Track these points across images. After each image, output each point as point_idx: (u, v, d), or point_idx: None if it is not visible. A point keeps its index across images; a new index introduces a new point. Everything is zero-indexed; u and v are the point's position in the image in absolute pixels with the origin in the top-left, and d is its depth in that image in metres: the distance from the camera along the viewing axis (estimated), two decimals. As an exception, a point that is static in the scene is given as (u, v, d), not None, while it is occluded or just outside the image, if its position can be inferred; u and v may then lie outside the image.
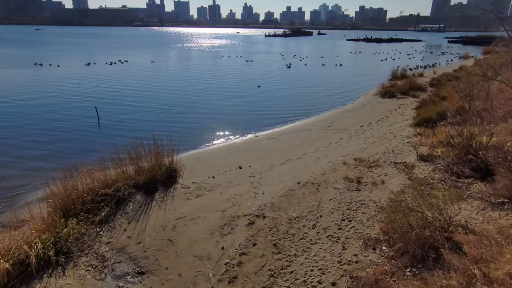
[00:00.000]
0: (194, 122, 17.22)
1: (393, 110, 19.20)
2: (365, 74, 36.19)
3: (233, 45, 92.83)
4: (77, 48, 71.46)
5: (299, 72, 37.60)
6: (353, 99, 23.60)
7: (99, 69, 36.34)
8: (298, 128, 16.35)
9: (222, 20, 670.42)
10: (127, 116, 18.01)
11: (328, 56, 59.36)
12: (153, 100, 21.82)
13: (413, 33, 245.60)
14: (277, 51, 72.55)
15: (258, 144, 13.98)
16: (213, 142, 14.54)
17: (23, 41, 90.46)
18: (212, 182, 10.01)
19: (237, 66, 42.28)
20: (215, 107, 20.48)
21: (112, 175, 9.54)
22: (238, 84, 28.68)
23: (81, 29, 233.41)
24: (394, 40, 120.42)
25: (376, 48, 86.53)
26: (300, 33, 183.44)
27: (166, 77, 31.92)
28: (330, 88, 27.72)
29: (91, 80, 29.06)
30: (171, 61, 49.30)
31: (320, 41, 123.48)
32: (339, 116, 18.56)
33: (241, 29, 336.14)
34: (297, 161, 11.64)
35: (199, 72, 35.37)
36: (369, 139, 13.76)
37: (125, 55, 54.99)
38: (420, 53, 68.41)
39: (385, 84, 27.68)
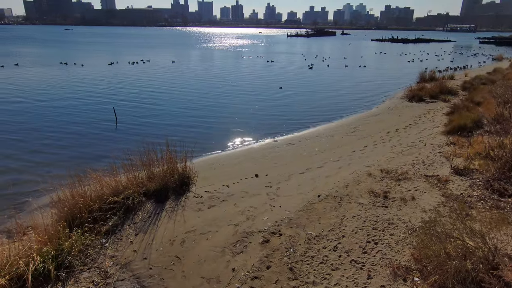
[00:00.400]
0: (211, 126, 16.75)
1: (422, 116, 18.00)
2: (391, 76, 34.71)
3: (255, 45, 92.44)
4: (102, 47, 73.19)
5: (321, 73, 36.58)
6: (378, 102, 22.47)
7: (121, 69, 36.76)
8: (319, 133, 15.54)
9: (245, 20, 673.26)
10: (144, 119, 17.75)
11: (351, 57, 57.77)
12: (171, 102, 21.54)
13: (441, 33, 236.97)
14: (298, 51, 71.48)
15: (276, 150, 13.30)
16: (230, 147, 13.99)
17: (52, 41, 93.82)
18: (226, 192, 9.43)
19: (257, 66, 41.73)
20: (234, 109, 19.96)
21: (122, 181, 9.17)
22: (258, 86, 28.08)
23: (107, 29, 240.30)
24: (421, 40, 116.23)
25: (402, 48, 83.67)
26: (323, 33, 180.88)
27: (185, 78, 31.71)
28: (353, 90, 26.62)
29: (112, 80, 29.31)
30: (192, 61, 49.33)
31: (343, 41, 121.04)
32: (363, 121, 17.57)
33: (263, 29, 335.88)
34: (317, 170, 10.88)
35: (219, 73, 35.08)
36: (397, 148, 12.78)
37: (148, 54, 55.72)
38: (449, 54, 65.45)
39: (412, 87, 26.29)
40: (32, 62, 41.13)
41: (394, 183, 9.46)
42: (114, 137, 15.02)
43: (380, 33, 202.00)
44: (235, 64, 44.23)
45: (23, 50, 60.06)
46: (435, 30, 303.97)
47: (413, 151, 12.25)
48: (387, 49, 79.79)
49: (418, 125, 16.17)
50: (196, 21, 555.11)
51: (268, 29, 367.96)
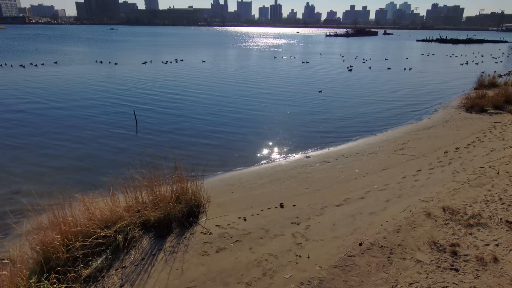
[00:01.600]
0: (236, 136, 14.97)
1: (487, 131, 15.00)
2: (442, 81, 31.01)
3: (291, 45, 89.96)
4: (140, 46, 74.52)
5: (362, 76, 33.64)
6: (429, 112, 19.52)
7: (152, 69, 36.25)
8: (360, 149, 13.22)
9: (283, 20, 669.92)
10: (165, 126, 16.28)
11: (395, 59, 53.66)
12: (194, 107, 19.83)
13: (495, 33, 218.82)
14: (337, 51, 68.11)
15: (308, 170, 11.23)
16: (254, 163, 12.12)
17: (95, 40, 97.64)
18: (241, 228, 7.57)
19: (291, 68, 39.47)
20: (262, 117, 18.06)
21: (119, 207, 7.64)
22: (290, 90, 25.97)
23: (149, 29, 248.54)
24: (474, 41, 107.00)
25: (452, 50, 77.15)
26: (364, 33, 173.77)
27: (212, 80, 29.97)
28: (399, 97, 23.68)
29: (139, 81, 28.57)
30: (222, 61, 47.80)
31: (386, 42, 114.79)
32: (413, 135, 14.94)
33: (301, 29, 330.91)
34: (358, 203, 8.69)
35: (249, 75, 33.19)
36: (460, 175, 10.20)
37: (182, 53, 55.48)
38: (508, 56, 58.91)
39: (470, 94, 22.84)
40: (70, 60, 42.03)
41: (464, 230, 7.08)
42: (128, 147, 13.70)
43: (426, 33, 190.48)
44: (267, 65, 42.23)
45: (66, 49, 62.39)
46: (488, 30, 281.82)
47: (483, 181, 9.64)
48: (435, 50, 73.85)
49: (483, 143, 13.31)
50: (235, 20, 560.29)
51: (306, 28, 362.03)
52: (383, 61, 48.52)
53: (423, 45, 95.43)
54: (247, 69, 37.65)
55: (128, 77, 29.80)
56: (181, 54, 55.59)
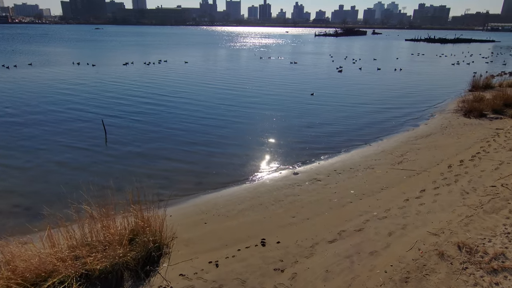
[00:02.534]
0: (215, 149, 13.37)
1: (490, 139, 13.77)
2: (435, 83, 29.98)
3: (280, 45, 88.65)
4: (124, 46, 72.09)
5: (352, 77, 32.39)
6: (425, 117, 18.27)
7: (132, 71, 34.27)
8: (354, 163, 11.79)
9: (272, 20, 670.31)
10: (135, 140, 14.64)
11: (384, 59, 52.76)
12: (170, 116, 17.71)
13: (481, 33, 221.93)
14: (326, 51, 67.03)
15: (296, 191, 9.72)
16: (234, 182, 10.55)
17: (78, 40, 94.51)
18: (211, 279, 6.01)
19: (278, 69, 37.87)
20: (246, 126, 16.48)
21: (57, 252, 6.02)
22: (277, 94, 24.47)
23: (136, 28, 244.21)
24: (461, 40, 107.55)
25: (440, 49, 76.94)
26: (353, 33, 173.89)
27: (194, 83, 27.73)
28: (393, 100, 22.43)
29: (114, 85, 26.52)
30: (207, 62, 45.44)
31: (375, 41, 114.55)
32: (411, 145, 13.60)
33: (290, 28, 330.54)
34: (355, 237, 7.22)
35: (234, 77, 31.29)
36: (470, 196, 8.85)
37: (167, 54, 53.48)
38: (497, 55, 58.67)
39: (466, 97, 21.78)
40: (46, 62, 39.70)
41: (488, 278, 5.69)
42: (88, 165, 11.97)
43: (414, 32, 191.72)
44: (253, 66, 40.51)
45: (45, 49, 59.69)
46: (474, 30, 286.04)
47: (498, 205, 8.30)
48: (424, 50, 73.45)
49: (489, 155, 12.03)
50: (224, 20, 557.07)
51: (296, 28, 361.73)
52: (372, 61, 47.49)
53: (412, 45, 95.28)
54: (232, 71, 35.88)
55: (103, 81, 27.75)
56: (165, 54, 53.60)
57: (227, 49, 69.99)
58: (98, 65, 37.10)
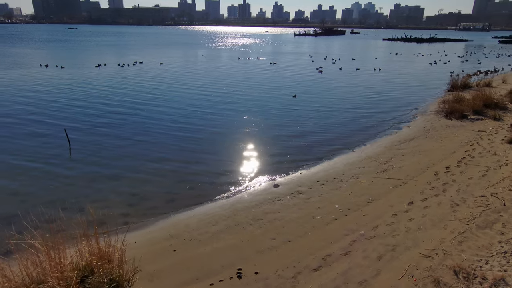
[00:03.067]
0: (188, 160, 12.39)
1: (474, 143, 13.45)
2: (414, 83, 30.00)
3: (259, 45, 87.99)
4: (99, 47, 69.42)
5: (333, 78, 32.00)
6: (407, 119, 17.92)
7: (104, 73, 32.58)
8: (337, 172, 11.11)
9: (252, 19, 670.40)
10: (101, 151, 13.47)
11: (363, 58, 53.00)
12: (140, 125, 16.18)
13: (454, 32, 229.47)
14: (306, 51, 66.86)
15: (276, 207, 8.92)
16: (209, 197, 9.65)
17: (50, 40, 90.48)
18: (176, 327, 5.10)
19: (258, 70, 37.03)
20: (223, 133, 15.54)
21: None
22: (256, 97, 23.66)
23: (112, 28, 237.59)
24: (436, 40, 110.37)
25: (417, 48, 78.41)
26: (332, 32, 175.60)
27: (168, 87, 26.19)
28: (374, 102, 22.06)
29: (81, 90, 24.67)
30: (183, 63, 43.71)
31: (353, 41, 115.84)
32: (395, 150, 13.09)
33: (270, 28, 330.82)
34: (341, 262, 6.48)
35: (211, 80, 30.00)
36: (461, 209, 8.31)
37: (143, 55, 51.64)
38: (471, 54, 60.15)
39: (446, 97, 21.73)
40: (11, 64, 37.23)
41: (491, 312, 5.04)
42: (45, 184, 10.77)
43: (390, 32, 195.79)
44: (232, 67, 39.43)
45: (12, 50, 56.48)
46: (447, 29, 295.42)
47: (490, 218, 7.79)
48: (401, 49, 74.60)
49: (474, 159, 11.64)
50: (203, 20, 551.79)
51: (275, 28, 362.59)
52: (351, 61, 47.48)
53: (389, 44, 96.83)
54: (209, 72, 34.65)
55: (71, 85, 25.92)
56: (141, 55, 51.78)
57: (205, 50, 68.62)
58: (68, 68, 35.08)
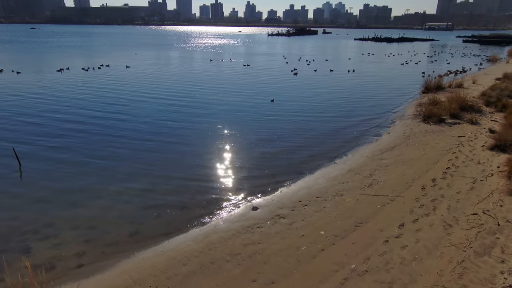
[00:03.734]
0: (152, 182, 11.18)
1: (456, 150, 13.11)
2: (389, 85, 30.01)
3: (232, 46, 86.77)
4: (62, 48, 65.58)
5: (308, 81, 31.44)
6: (386, 124, 17.51)
7: (65, 79, 30.26)
8: (320, 189, 10.30)
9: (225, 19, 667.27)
10: (50, 174, 11.97)
11: (337, 59, 53.18)
12: (101, 139, 14.59)
13: (420, 31, 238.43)
14: (279, 52, 66.41)
15: (256, 237, 7.94)
16: (178, 229, 8.52)
17: (6, 41, 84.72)
18: None
19: (231, 73, 35.78)
20: (193, 148, 14.32)
21: None
22: (230, 102, 22.60)
23: (78, 28, 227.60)
24: (405, 39, 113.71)
25: (387, 48, 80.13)
26: (305, 32, 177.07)
27: (136, 92, 24.39)
28: (351, 106, 21.60)
29: (34, 102, 22.08)
30: (151, 66, 41.04)
31: (326, 41, 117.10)
32: (377, 160, 12.48)
33: (243, 28, 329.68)
34: (334, 311, 5.60)
35: (180, 84, 28.44)
36: (454, 231, 7.71)
37: (110, 57, 49.02)
38: (438, 54, 61.96)
39: (421, 100, 21.70)
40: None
41: None
42: None
43: (361, 31, 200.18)
44: (204, 70, 37.84)
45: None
46: (413, 29, 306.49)
47: (487, 242, 7.21)
48: (373, 49, 75.90)
49: (459, 170, 11.21)
50: (174, 19, 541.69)
51: (249, 27, 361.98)
52: (325, 62, 47.37)
53: (361, 44, 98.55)
54: (180, 77, 33.00)
55: (24, 94, 23.56)
56: (108, 58, 49.20)
57: (176, 51, 66.54)
58: (24, 72, 32.35)
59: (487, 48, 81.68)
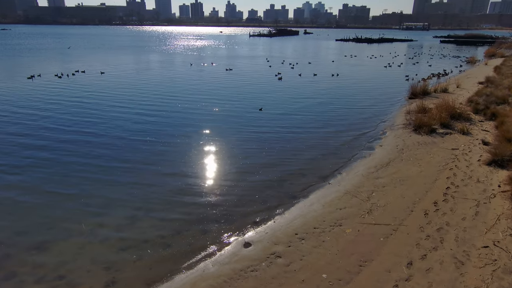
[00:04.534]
0: (132, 219, 10.09)
1: (453, 166, 12.61)
2: (374, 89, 29.74)
3: (214, 48, 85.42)
4: (34, 52, 62.44)
5: (293, 86, 30.74)
6: (377, 136, 16.95)
7: (34, 88, 28.27)
8: (316, 216, 9.49)
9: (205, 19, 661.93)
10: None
11: (319, 62, 52.92)
12: (65, 166, 12.80)
13: (398, 31, 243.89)
14: (262, 54, 65.62)
15: (250, 285, 7.01)
16: (159, 277, 7.47)
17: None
18: None
19: (212, 78, 34.46)
20: (172, 172, 13.20)
21: None
22: (210, 114, 21.54)
23: (52, 28, 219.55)
24: (385, 40, 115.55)
25: (368, 49, 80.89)
26: (286, 33, 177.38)
27: (108, 103, 22.77)
28: (339, 115, 20.99)
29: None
30: (127, 71, 39.10)
31: (307, 42, 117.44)
32: (374, 180, 11.79)
33: (224, 28, 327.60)
34: None
35: (157, 92, 26.97)
36: (467, 270, 7.03)
37: (85, 61, 46.84)
38: (419, 55, 62.84)
39: (409, 106, 21.38)
40: None
41: None
42: None
43: (341, 31, 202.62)
44: (184, 75, 36.46)
45: None
46: (391, 29, 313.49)
47: (504, 283, 6.56)
48: (355, 51, 76.35)
49: (460, 190, 10.66)
50: (154, 19, 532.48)
51: (230, 27, 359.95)
52: (308, 65, 46.93)
53: (342, 45, 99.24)
54: (159, 84, 31.13)
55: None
56: (83, 62, 47.04)
57: (155, 54, 64.58)
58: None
59: (463, 48, 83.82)
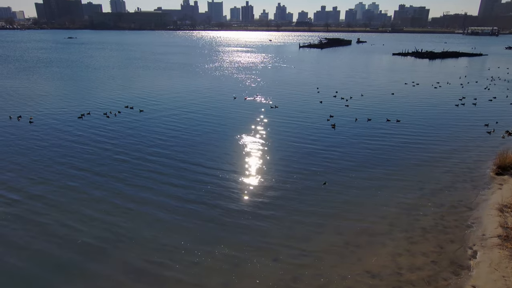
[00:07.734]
0: None
1: None
2: (447, 150, 24.71)
3: (260, 68, 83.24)
4: (91, 73, 65.18)
5: (348, 139, 27.00)
6: (464, 257, 13.16)
7: (84, 127, 28.00)
8: None
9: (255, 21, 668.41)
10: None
11: (376, 92, 48.00)
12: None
13: (462, 37, 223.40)
14: (312, 82, 61.84)
15: None
16: None
17: (39, 61, 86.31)
18: None
19: (254, 123, 31.60)
20: None
21: None
22: (252, 191, 18.92)
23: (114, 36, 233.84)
24: (449, 54, 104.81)
25: (431, 68, 73.32)
26: (338, 43, 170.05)
27: (133, 159, 22.37)
28: (405, 202, 17.38)
29: None
30: (165, 109, 38.82)
31: (360, 57, 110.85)
32: None
33: (273, 33, 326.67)
34: None
35: (189, 151, 25.51)
36: None
37: (132, 88, 47.08)
38: (494, 84, 54.18)
39: (502, 196, 17.20)
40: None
41: None
42: None
43: (397, 37, 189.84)
44: (223, 117, 33.55)
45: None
46: (454, 33, 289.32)
47: None
48: (416, 71, 69.49)
49: None
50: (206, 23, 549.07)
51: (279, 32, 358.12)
52: (361, 98, 42.50)
53: (400, 61, 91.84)
54: (197, 136, 29.74)
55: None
56: (132, 91, 47.52)
57: (200, 79, 63.23)
58: (38, 118, 30.56)
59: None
